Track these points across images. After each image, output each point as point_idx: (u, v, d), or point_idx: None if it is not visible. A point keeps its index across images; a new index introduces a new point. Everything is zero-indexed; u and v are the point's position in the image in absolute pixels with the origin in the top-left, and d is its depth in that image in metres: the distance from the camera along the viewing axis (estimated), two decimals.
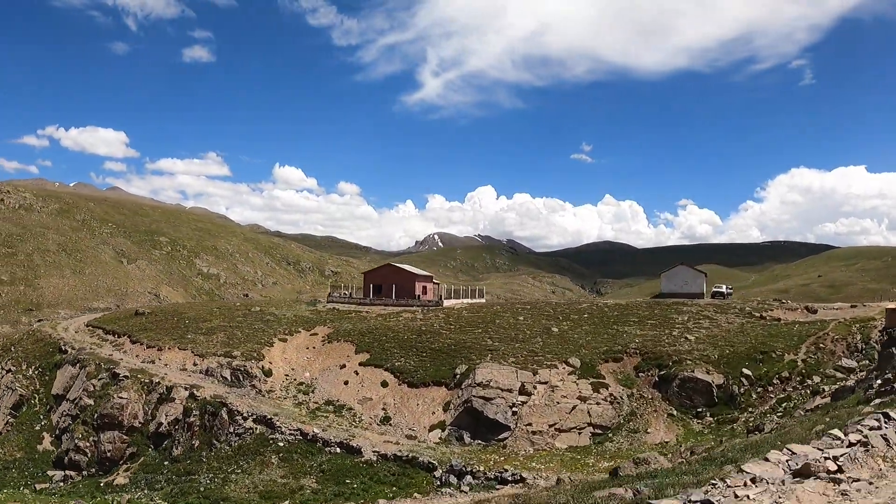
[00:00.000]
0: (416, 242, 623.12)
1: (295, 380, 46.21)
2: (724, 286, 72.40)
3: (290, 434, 38.42)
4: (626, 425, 39.99)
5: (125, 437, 39.79)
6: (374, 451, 36.52)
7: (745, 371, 42.55)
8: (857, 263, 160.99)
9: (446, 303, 64.10)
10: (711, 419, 40.12)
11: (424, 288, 68.21)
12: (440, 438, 39.23)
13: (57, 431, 42.10)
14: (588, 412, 40.17)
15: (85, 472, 39.41)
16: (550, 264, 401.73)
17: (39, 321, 71.13)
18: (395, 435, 39.45)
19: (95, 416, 40.49)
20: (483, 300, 74.95)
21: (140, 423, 40.43)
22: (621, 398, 41.99)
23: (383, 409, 42.35)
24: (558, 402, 40.70)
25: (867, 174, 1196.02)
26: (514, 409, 40.10)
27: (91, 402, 41.78)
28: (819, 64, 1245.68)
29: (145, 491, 35.88)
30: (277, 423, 39.05)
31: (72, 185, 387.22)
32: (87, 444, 39.69)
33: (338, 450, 37.14)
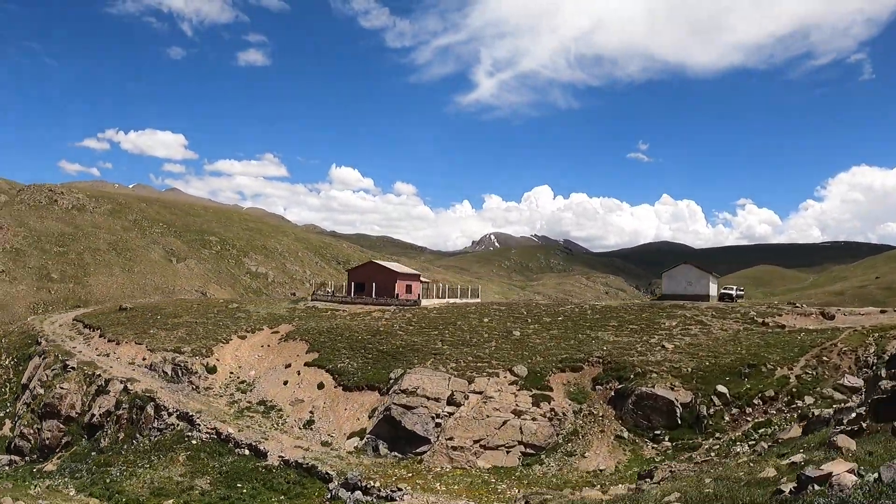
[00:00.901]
0: (473, 242, 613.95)
1: (238, 377, 43.07)
2: (735, 288, 61.77)
3: (207, 433, 35.18)
4: (564, 446, 33.01)
5: (62, 426, 38.35)
6: (279, 456, 32.50)
7: (720, 388, 34.16)
8: None
9: (425, 302, 59.03)
10: (669, 444, 32.30)
11: (409, 286, 63.41)
12: (355, 447, 34.34)
13: (16, 418, 41.66)
14: (520, 429, 33.65)
15: (27, 458, 38.40)
16: (605, 265, 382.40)
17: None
18: (311, 440, 35.05)
19: (41, 405, 39.47)
20: (477, 300, 68.98)
21: (77, 413, 38.86)
22: (565, 414, 35.03)
23: (311, 411, 38.10)
24: (488, 416, 34.48)
25: None
26: (437, 420, 34.37)
27: (42, 391, 40.92)
28: (878, 58, 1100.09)
29: (66, 479, 34.23)
30: (197, 421, 35.96)
31: (131, 186, 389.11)
32: (31, 432, 38.66)
33: (247, 452, 33.51)
